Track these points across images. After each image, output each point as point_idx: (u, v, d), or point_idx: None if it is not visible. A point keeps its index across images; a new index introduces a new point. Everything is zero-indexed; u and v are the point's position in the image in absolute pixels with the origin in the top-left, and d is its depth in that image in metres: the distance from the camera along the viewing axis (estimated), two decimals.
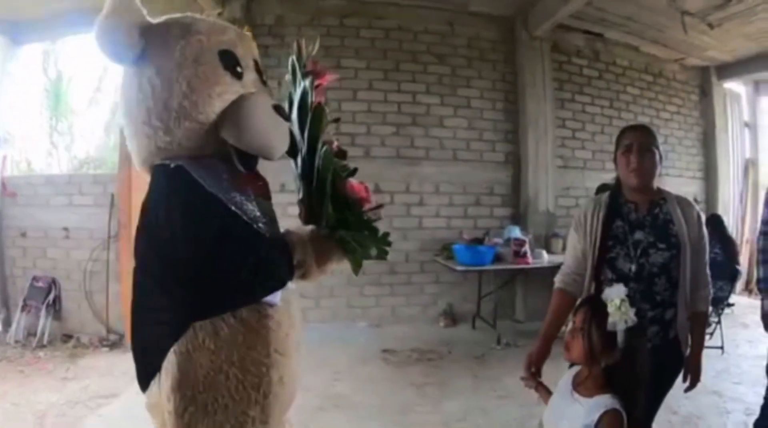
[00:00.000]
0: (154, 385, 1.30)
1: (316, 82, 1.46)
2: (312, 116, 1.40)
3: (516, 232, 4.75)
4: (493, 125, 5.25)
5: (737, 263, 4.95)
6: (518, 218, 5.24)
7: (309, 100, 1.43)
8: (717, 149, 6.73)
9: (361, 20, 4.90)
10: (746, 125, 7.36)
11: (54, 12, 4.67)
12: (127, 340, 4.13)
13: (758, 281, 2.30)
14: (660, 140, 1.88)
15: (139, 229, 1.33)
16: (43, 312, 4.32)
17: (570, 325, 1.46)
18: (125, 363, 3.76)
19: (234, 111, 1.32)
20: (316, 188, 1.38)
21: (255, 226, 1.30)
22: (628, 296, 1.34)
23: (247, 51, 1.42)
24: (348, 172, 1.45)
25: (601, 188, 4.50)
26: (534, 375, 1.76)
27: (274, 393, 1.36)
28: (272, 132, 1.36)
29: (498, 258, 4.52)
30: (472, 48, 5.21)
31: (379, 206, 1.52)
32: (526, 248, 4.51)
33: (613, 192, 1.90)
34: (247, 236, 1.29)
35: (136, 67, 1.30)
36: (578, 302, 1.73)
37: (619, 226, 1.83)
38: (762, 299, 2.25)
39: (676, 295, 1.74)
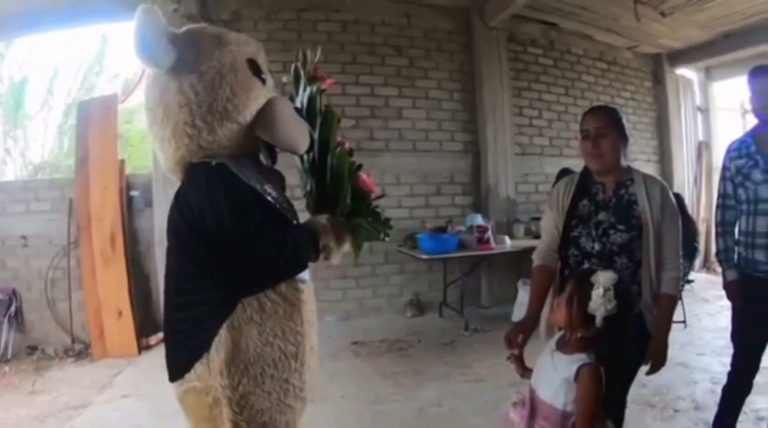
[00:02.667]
0: (199, 366, 1.39)
1: (322, 87, 1.66)
2: (324, 119, 1.62)
3: (478, 219, 4.81)
4: (451, 114, 5.31)
5: (696, 241, 5.13)
6: (479, 205, 5.32)
7: (318, 104, 1.63)
8: (671, 133, 6.95)
9: (318, 14, 4.89)
10: (699, 109, 7.58)
11: (5, 13, 4.51)
12: (93, 349, 4.07)
13: (717, 252, 2.37)
14: (609, 114, 1.90)
15: (178, 221, 1.43)
16: (5, 326, 4.14)
17: (560, 295, 1.55)
18: (93, 372, 3.75)
19: (266, 112, 1.47)
20: (332, 183, 1.59)
21: (285, 214, 1.48)
22: (610, 288, 1.38)
23: (264, 60, 1.58)
24: (357, 167, 1.64)
25: (562, 173, 4.59)
26: (519, 344, 1.80)
27: (308, 361, 1.52)
28: (299, 129, 1.53)
29: (462, 246, 4.58)
30: (429, 39, 5.25)
31: (382, 196, 1.76)
32: (489, 234, 4.57)
33: (584, 171, 1.95)
34: (283, 222, 1.47)
35: (173, 73, 1.39)
36: (571, 273, 1.84)
37: (585, 205, 1.89)
38: (723, 270, 2.34)
39: (639, 274, 1.80)
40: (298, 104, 1.61)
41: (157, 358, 3.39)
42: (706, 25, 5.93)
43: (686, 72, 7.42)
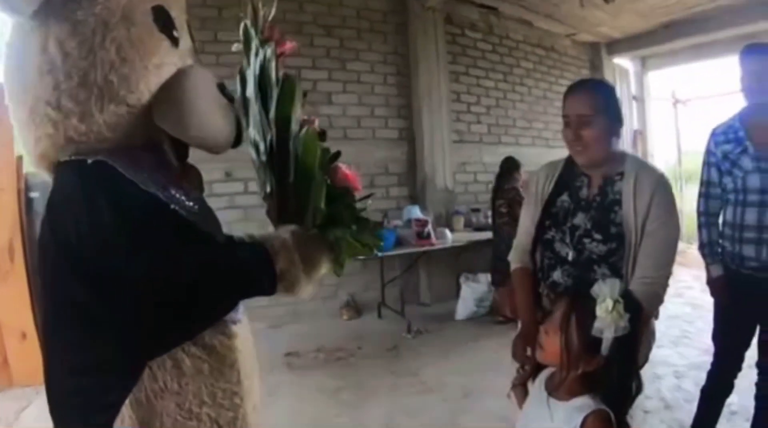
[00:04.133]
0: None
1: (278, 51, 1.18)
2: (282, 91, 1.14)
3: (416, 212, 4.56)
4: (385, 100, 5.00)
5: None
6: (416, 197, 5.05)
7: (273, 71, 1.15)
8: None
9: None
10: (634, 98, 7.78)
11: None
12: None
13: (701, 245, 2.17)
14: (595, 96, 1.51)
15: (49, 246, 1.01)
16: None
17: (547, 320, 1.21)
18: None
19: (171, 90, 1.03)
20: (298, 179, 1.15)
21: (202, 229, 1.05)
22: (620, 299, 1.06)
23: (181, 10, 1.12)
24: (333, 155, 1.19)
25: (506, 163, 4.40)
26: (531, 358, 1.44)
27: (250, 424, 1.16)
28: (220, 119, 1.10)
29: (399, 241, 4.31)
30: (361, 19, 4.91)
31: (369, 196, 1.28)
32: (429, 228, 4.33)
33: (569, 158, 1.60)
34: (207, 242, 1.05)
35: (37, 21, 0.96)
36: (560, 291, 1.51)
37: (563, 202, 1.58)
38: (707, 265, 2.15)
39: None
40: (251, 76, 1.16)
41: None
42: (646, 15, 6.00)
43: (623, 61, 7.58)
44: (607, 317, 1.03)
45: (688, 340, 3.59)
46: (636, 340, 1.10)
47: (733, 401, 2.43)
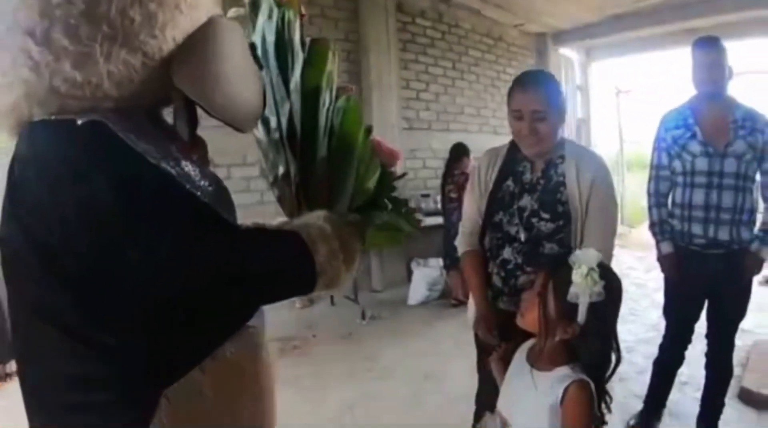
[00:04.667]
0: None
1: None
2: (311, 56, 0.97)
3: None
4: None
5: None
6: None
7: (295, 33, 0.98)
8: None
9: None
10: (578, 88, 8.02)
11: None
12: None
13: (651, 224, 2.28)
14: (547, 91, 1.56)
15: (14, 249, 0.74)
16: None
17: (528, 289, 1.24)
18: None
19: (201, 44, 0.77)
20: (334, 157, 0.98)
21: (222, 216, 0.79)
22: (595, 267, 1.07)
23: None
24: (367, 129, 1.03)
25: (456, 149, 4.49)
26: (497, 337, 1.54)
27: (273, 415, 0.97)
28: (251, 87, 0.85)
29: None
30: (312, 4, 4.81)
31: (404, 175, 1.19)
32: None
33: (512, 146, 1.65)
34: (233, 233, 0.80)
35: None
36: (511, 267, 1.57)
37: (508, 187, 1.63)
38: (657, 243, 2.26)
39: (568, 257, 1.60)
40: (257, 39, 0.96)
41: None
42: (591, 7, 6.13)
43: (568, 52, 7.78)
44: (582, 283, 1.04)
45: (635, 317, 3.74)
46: (611, 311, 1.11)
47: (683, 372, 2.57)
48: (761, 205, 2.14)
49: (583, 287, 1.05)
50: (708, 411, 2.28)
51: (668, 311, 2.33)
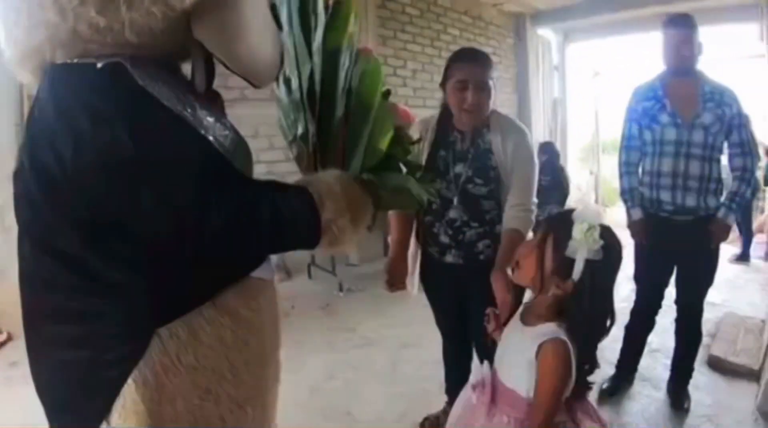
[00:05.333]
0: None
1: None
2: (333, 18, 0.98)
3: None
4: None
5: (567, 190, 5.46)
6: None
7: None
8: (530, 90, 7.32)
9: None
10: (555, 68, 8.08)
11: None
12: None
13: (622, 192, 2.38)
14: (489, 65, 1.71)
15: (27, 187, 0.78)
16: None
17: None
18: None
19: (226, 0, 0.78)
20: (351, 117, 0.98)
21: (237, 167, 0.82)
22: (596, 226, 1.05)
23: None
24: (385, 92, 1.02)
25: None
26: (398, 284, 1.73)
27: (272, 396, 1.00)
28: (270, 45, 0.89)
29: None
30: None
31: (418, 140, 1.20)
32: None
33: (442, 118, 1.78)
34: (243, 181, 0.83)
35: None
36: (458, 225, 1.69)
37: (442, 156, 1.75)
38: (628, 209, 2.36)
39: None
40: (283, 16, 0.99)
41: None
42: None
43: (546, 33, 7.81)
44: (582, 239, 1.03)
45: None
46: (607, 273, 1.10)
47: (654, 340, 2.70)
48: (729, 174, 2.24)
49: (582, 243, 1.03)
50: (677, 375, 2.40)
51: (638, 276, 2.43)
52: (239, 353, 0.87)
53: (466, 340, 1.96)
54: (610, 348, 2.60)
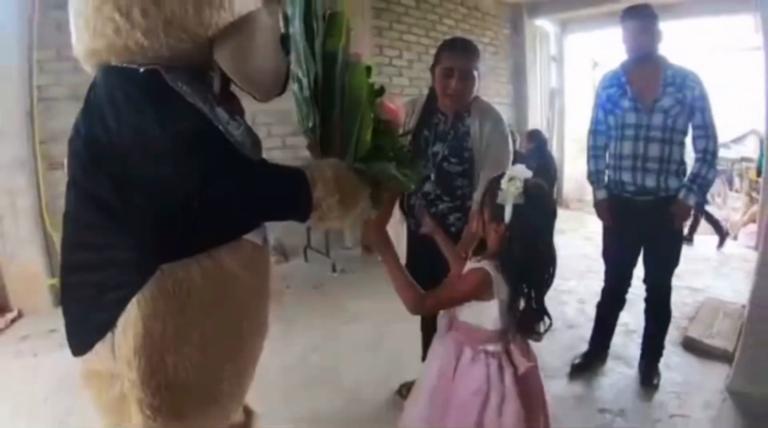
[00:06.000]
0: (102, 347, 1.04)
1: None
2: (329, 26, 1.16)
3: None
4: None
5: (555, 177, 5.52)
6: None
7: (320, 7, 1.16)
8: (527, 80, 7.37)
9: None
10: (553, 59, 8.11)
11: None
12: None
13: (589, 174, 2.50)
14: (476, 55, 1.86)
15: (77, 143, 1.05)
16: None
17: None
18: None
19: (240, 34, 1.04)
20: (345, 112, 1.16)
21: (246, 155, 1.04)
22: (517, 177, 1.26)
23: None
24: (377, 91, 1.23)
25: None
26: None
27: (250, 346, 1.19)
28: (275, 71, 1.13)
29: None
30: None
31: (407, 133, 1.43)
32: None
33: (428, 100, 1.92)
34: (247, 161, 1.04)
35: None
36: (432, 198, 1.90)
37: (424, 136, 1.88)
38: (594, 190, 2.48)
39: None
40: (297, 12, 1.15)
41: (8, 345, 2.98)
42: None
43: (544, 23, 7.82)
44: (507, 188, 1.24)
45: (592, 274, 3.98)
46: (536, 218, 1.29)
47: (629, 321, 2.85)
48: (692, 156, 2.30)
49: (506, 192, 1.24)
50: (648, 353, 2.50)
51: (606, 255, 2.54)
52: (224, 296, 1.08)
53: None
54: (587, 328, 2.72)
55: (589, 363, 2.59)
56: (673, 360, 2.63)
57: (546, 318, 1.36)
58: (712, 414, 2.20)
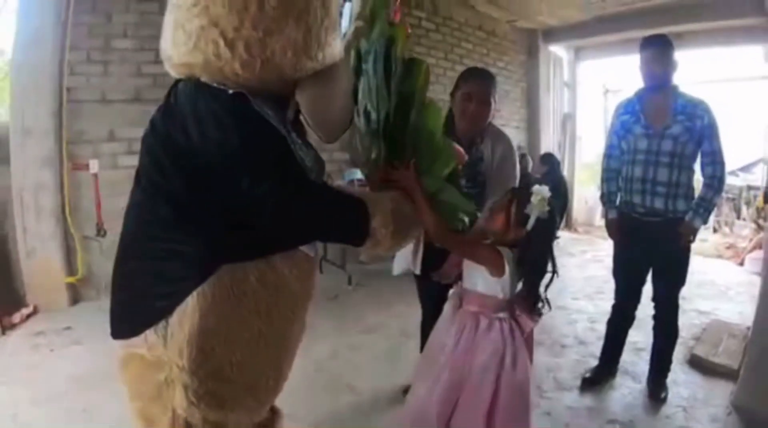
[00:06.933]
0: (152, 334, 1.10)
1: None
2: (411, 70, 1.28)
3: (357, 174, 4.85)
4: None
5: (567, 199, 5.61)
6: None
7: (396, 50, 1.28)
8: (540, 104, 7.54)
9: None
10: (566, 84, 8.27)
11: None
12: None
13: (602, 195, 2.64)
14: (494, 84, 2.08)
15: (157, 149, 1.10)
16: None
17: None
18: None
19: (322, 79, 1.14)
20: (418, 150, 1.28)
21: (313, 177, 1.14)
22: (545, 196, 1.49)
23: None
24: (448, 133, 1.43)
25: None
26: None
27: (292, 347, 1.28)
28: (345, 118, 1.23)
29: None
30: None
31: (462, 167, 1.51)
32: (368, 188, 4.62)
33: (446, 124, 2.02)
34: (318, 185, 1.15)
35: None
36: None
37: None
38: (606, 210, 2.64)
39: None
40: (376, 53, 1.27)
41: (24, 339, 3.09)
42: (583, 7, 6.34)
43: (558, 50, 8.01)
44: (537, 204, 1.47)
45: (602, 295, 4.10)
46: (548, 232, 1.53)
47: (639, 339, 2.94)
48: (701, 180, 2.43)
49: (536, 206, 1.48)
50: (656, 368, 2.59)
51: (616, 272, 2.65)
52: (275, 299, 1.16)
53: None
54: (597, 346, 2.82)
55: (599, 378, 2.67)
56: (680, 377, 2.71)
57: (541, 302, 1.57)
58: (718, 427, 2.29)
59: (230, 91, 1.05)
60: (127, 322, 1.16)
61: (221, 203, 1.07)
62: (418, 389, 1.62)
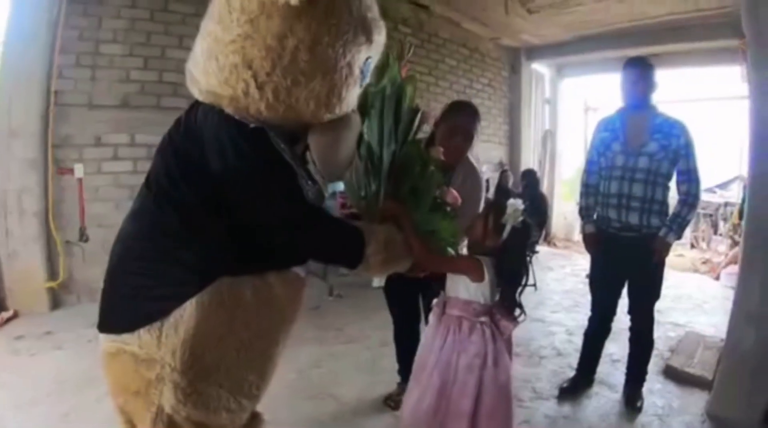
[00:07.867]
0: (146, 333, 1.15)
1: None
2: (410, 119, 1.44)
3: (340, 186, 4.87)
4: None
5: (545, 214, 5.68)
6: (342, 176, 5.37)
7: (406, 101, 1.44)
8: (521, 121, 7.69)
9: None
10: (547, 101, 8.45)
11: None
12: None
13: (580, 209, 2.69)
14: (477, 120, 2.16)
15: (170, 163, 1.18)
16: None
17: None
18: None
19: (334, 128, 1.24)
20: (419, 196, 1.44)
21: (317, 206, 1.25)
22: (518, 208, 1.61)
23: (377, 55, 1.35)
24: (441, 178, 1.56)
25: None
26: None
27: (274, 357, 1.34)
28: (349, 162, 1.33)
29: None
30: (292, 8, 5.13)
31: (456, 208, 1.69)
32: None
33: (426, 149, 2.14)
34: (317, 215, 1.23)
35: (290, 10, 1.06)
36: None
37: None
38: (583, 224, 2.68)
39: None
40: (377, 107, 1.41)
41: (4, 343, 3.03)
42: (565, 26, 6.50)
43: (539, 67, 8.20)
44: (512, 214, 1.58)
45: (579, 308, 4.15)
46: (522, 240, 1.62)
47: (615, 351, 2.99)
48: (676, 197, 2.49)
49: (511, 217, 1.59)
50: (632, 377, 2.63)
51: (593, 285, 2.70)
52: (265, 314, 1.24)
53: (416, 320, 2.38)
54: (575, 357, 2.86)
55: (576, 388, 2.70)
56: (656, 387, 2.76)
57: (518, 309, 1.64)
58: None
59: (252, 126, 1.14)
60: (121, 318, 1.20)
61: (229, 222, 1.16)
62: (412, 395, 1.68)
